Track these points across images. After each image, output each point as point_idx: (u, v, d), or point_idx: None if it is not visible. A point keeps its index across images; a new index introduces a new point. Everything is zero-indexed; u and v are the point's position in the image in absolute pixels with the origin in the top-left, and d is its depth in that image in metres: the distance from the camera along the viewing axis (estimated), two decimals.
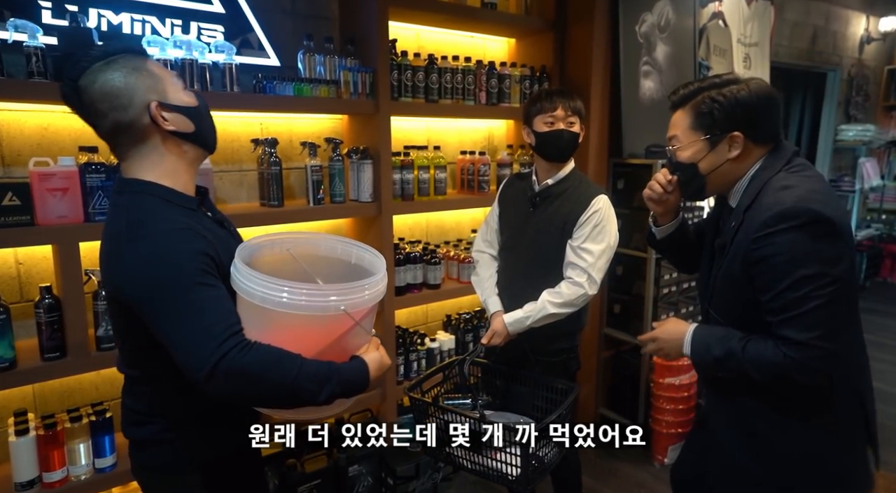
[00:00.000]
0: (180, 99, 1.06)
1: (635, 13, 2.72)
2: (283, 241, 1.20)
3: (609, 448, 2.71)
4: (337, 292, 1.04)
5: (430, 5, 2.30)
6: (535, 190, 1.85)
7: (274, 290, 1.00)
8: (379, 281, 1.11)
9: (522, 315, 1.76)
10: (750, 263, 1.13)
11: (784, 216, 1.08)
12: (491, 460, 1.53)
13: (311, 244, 1.23)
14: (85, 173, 1.67)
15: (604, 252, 1.74)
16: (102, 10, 1.78)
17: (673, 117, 1.28)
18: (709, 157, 1.22)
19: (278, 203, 2.07)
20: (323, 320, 1.04)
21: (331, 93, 2.11)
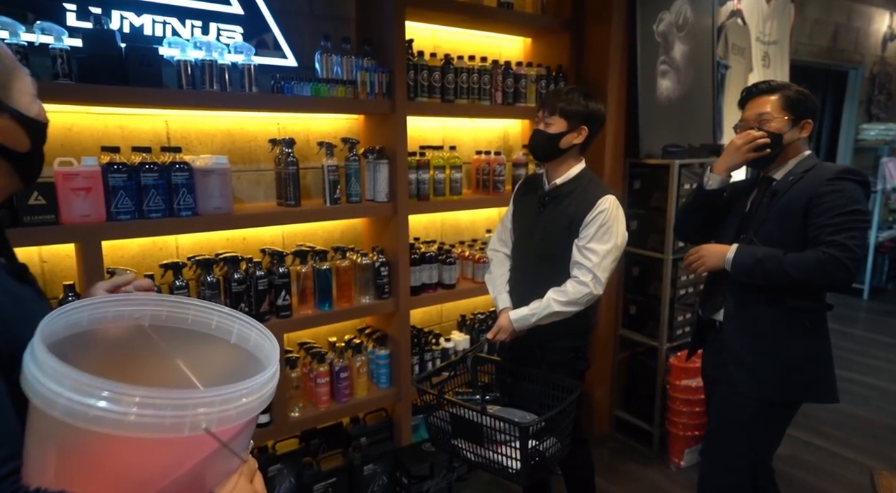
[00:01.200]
0: (25, 105, 0.76)
1: (653, 12, 2.70)
2: (130, 304, 0.79)
3: (624, 450, 2.71)
4: (202, 402, 0.65)
5: (447, 5, 2.30)
6: (544, 190, 1.88)
7: (88, 394, 0.59)
8: (265, 383, 0.72)
9: (528, 312, 1.77)
10: (819, 195, 1.50)
11: (851, 172, 1.54)
12: (493, 453, 1.57)
13: (177, 313, 0.82)
14: (107, 173, 1.70)
15: (609, 252, 1.74)
16: (125, 12, 1.81)
17: (757, 100, 1.64)
18: (790, 132, 1.61)
19: (295, 203, 2.09)
20: (171, 444, 0.66)
21: (348, 93, 2.12)
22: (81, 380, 0.59)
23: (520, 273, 1.92)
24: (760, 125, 1.61)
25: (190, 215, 1.84)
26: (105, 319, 0.75)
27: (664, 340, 2.71)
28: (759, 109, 1.62)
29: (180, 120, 2.00)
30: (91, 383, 0.59)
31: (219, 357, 0.82)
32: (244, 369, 0.77)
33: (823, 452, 2.77)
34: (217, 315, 0.81)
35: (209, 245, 2.09)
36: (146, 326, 0.78)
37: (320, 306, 2.16)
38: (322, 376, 2.20)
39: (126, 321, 0.77)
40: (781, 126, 1.59)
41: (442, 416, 1.70)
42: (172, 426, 0.62)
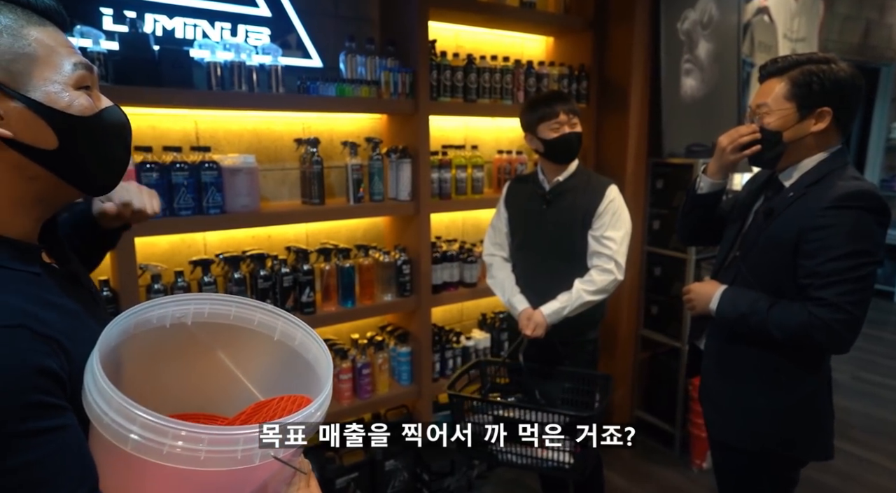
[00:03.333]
0: (50, 95, 0.66)
1: (677, 10, 2.68)
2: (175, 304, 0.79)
3: (646, 451, 2.70)
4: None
5: (470, 6, 2.32)
6: (545, 188, 1.91)
7: (161, 434, 0.62)
8: (322, 404, 0.73)
9: (559, 306, 1.81)
10: (810, 229, 1.22)
11: (859, 196, 1.20)
12: (544, 451, 1.57)
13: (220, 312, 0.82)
14: (140, 172, 1.75)
15: (624, 238, 1.83)
16: (157, 15, 1.87)
17: (763, 86, 1.33)
18: (795, 127, 1.28)
19: (319, 201, 2.12)
20: (228, 475, 0.68)
21: (371, 93, 2.15)
22: (152, 420, 0.61)
23: (533, 272, 1.94)
24: (760, 118, 1.32)
25: (218, 213, 1.89)
26: (150, 322, 0.76)
27: (685, 339, 2.69)
28: (760, 98, 1.33)
29: (209, 120, 2.05)
30: (163, 423, 0.61)
31: (261, 353, 0.84)
32: (289, 365, 0.82)
33: (851, 456, 2.72)
34: (260, 313, 0.82)
35: (235, 242, 2.14)
36: (189, 324, 0.79)
37: (343, 304, 2.20)
38: (345, 372, 2.24)
39: (170, 320, 0.78)
40: (781, 121, 1.28)
41: (480, 420, 1.67)
42: (244, 458, 0.65)
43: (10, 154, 0.65)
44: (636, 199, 2.74)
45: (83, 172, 0.71)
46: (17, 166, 0.66)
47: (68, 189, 0.71)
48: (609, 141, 2.75)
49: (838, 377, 3.67)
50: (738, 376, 1.40)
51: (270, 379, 0.86)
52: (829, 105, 1.25)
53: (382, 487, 2.30)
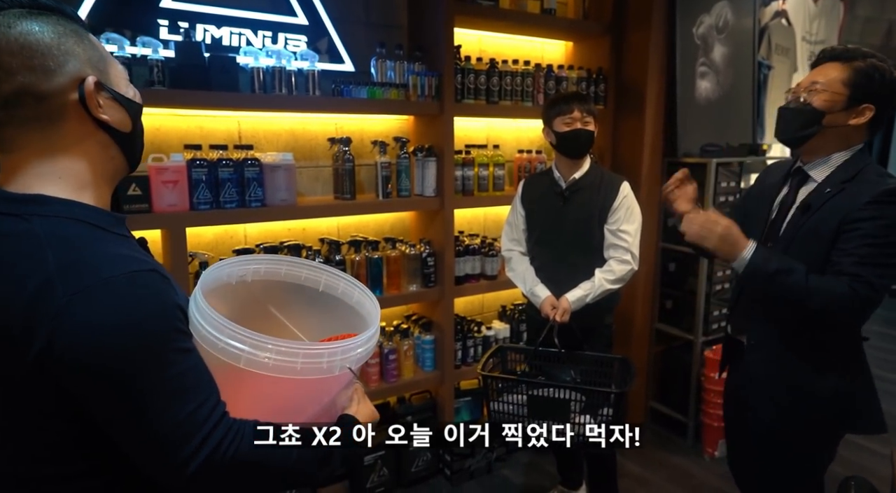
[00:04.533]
0: (123, 89, 0.81)
1: (693, 15, 2.78)
2: (240, 264, 1.01)
3: (660, 440, 2.80)
4: (339, 350, 0.88)
5: (494, 13, 2.46)
6: (562, 186, 2.04)
7: (258, 347, 0.81)
8: (376, 332, 0.98)
9: (583, 293, 1.96)
10: (851, 220, 1.25)
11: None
12: (575, 426, 1.68)
13: (272, 270, 1.03)
14: (191, 168, 1.92)
15: (637, 231, 1.99)
16: (207, 25, 2.04)
17: (821, 68, 1.34)
18: (838, 113, 1.29)
19: (351, 196, 2.28)
20: (314, 382, 0.88)
21: (400, 95, 2.29)
22: (258, 340, 0.81)
23: (552, 263, 2.06)
24: (807, 95, 1.32)
25: (259, 206, 2.05)
26: (221, 278, 0.98)
27: (700, 334, 2.78)
28: (815, 77, 1.33)
29: (250, 120, 2.22)
30: (266, 341, 0.81)
31: (309, 304, 1.04)
32: (338, 313, 1.04)
33: (864, 450, 2.78)
34: (306, 269, 1.05)
35: (273, 234, 2.30)
36: (249, 281, 1.01)
37: (372, 292, 2.34)
38: (373, 357, 2.38)
39: (237, 278, 0.99)
40: (828, 103, 1.29)
41: (513, 400, 1.77)
42: (328, 368, 0.87)
43: (103, 136, 0.79)
44: (651, 197, 2.84)
45: (138, 150, 0.87)
46: (106, 147, 0.80)
47: (125, 167, 0.85)
48: (626, 141, 2.86)
49: None
50: (789, 366, 1.41)
51: (320, 326, 1.06)
52: (875, 103, 1.28)
53: (407, 465, 2.45)
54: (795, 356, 1.40)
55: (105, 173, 0.81)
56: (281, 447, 0.79)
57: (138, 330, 0.70)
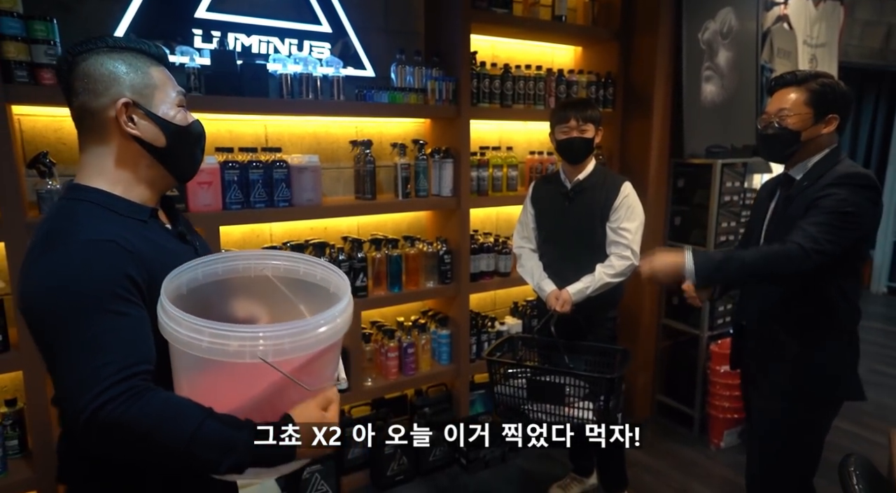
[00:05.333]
0: (165, 112, 0.97)
1: (698, 21, 2.88)
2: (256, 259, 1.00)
3: (667, 431, 2.90)
4: (263, 335, 0.82)
5: (508, 20, 2.56)
6: (567, 187, 2.14)
7: (175, 324, 0.82)
8: (319, 324, 0.87)
9: (583, 286, 2.05)
10: (814, 199, 1.45)
11: (853, 177, 1.44)
12: (570, 409, 1.81)
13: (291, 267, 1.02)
14: (224, 169, 2.03)
15: (638, 228, 2.06)
16: (238, 34, 2.14)
17: (780, 94, 1.56)
18: (811, 128, 1.52)
19: (371, 196, 2.38)
20: (235, 368, 0.84)
21: (419, 100, 2.39)
22: (177, 315, 0.82)
23: (559, 260, 2.17)
24: (780, 121, 1.53)
25: (286, 206, 2.15)
26: (237, 270, 0.99)
27: (705, 328, 2.88)
28: (780, 104, 1.54)
29: (276, 124, 2.32)
30: (178, 314, 0.82)
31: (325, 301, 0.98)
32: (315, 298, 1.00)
33: (861, 439, 2.88)
34: (321, 269, 1.01)
35: (297, 233, 2.40)
36: (270, 276, 1.01)
37: (391, 289, 2.45)
38: (392, 350, 2.49)
39: (253, 271, 1.00)
40: (800, 123, 1.51)
41: (515, 383, 1.91)
42: (236, 353, 0.81)
43: (136, 147, 0.96)
44: (658, 196, 2.95)
45: (177, 163, 1.02)
46: (140, 156, 0.97)
47: (168, 176, 1.02)
48: (634, 143, 2.96)
49: None
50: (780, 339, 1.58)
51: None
52: (836, 112, 1.52)
53: (425, 455, 2.55)
54: (785, 334, 1.57)
55: (142, 177, 0.98)
56: (177, 420, 0.80)
57: (66, 291, 0.83)
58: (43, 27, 1.67)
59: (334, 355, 0.96)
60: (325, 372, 0.95)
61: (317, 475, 2.28)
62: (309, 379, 0.89)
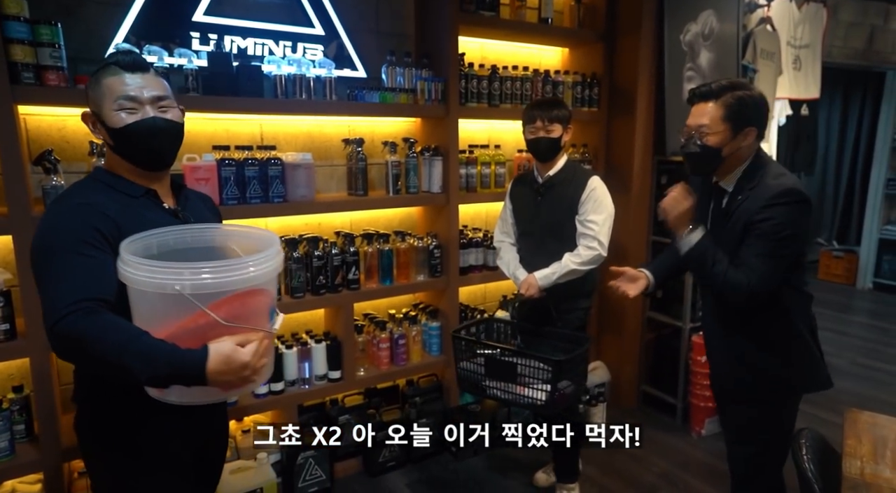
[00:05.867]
0: (108, 117, 1.18)
1: (680, 23, 2.97)
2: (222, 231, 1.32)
3: (651, 420, 2.99)
4: (173, 270, 1.02)
5: (495, 23, 2.65)
6: (539, 183, 2.21)
7: (122, 263, 1.07)
8: (241, 264, 1.08)
9: (550, 272, 2.13)
10: (753, 222, 1.49)
11: (787, 194, 1.47)
12: (523, 388, 1.90)
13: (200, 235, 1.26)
14: (221, 166, 2.11)
15: (605, 221, 2.12)
16: (234, 36, 2.23)
17: (699, 108, 1.56)
18: (730, 143, 1.54)
19: (363, 193, 2.47)
20: (167, 299, 1.02)
21: (409, 99, 2.49)
22: (126, 257, 1.07)
23: (532, 252, 2.25)
24: (700, 138, 1.55)
25: (281, 202, 2.24)
26: (185, 241, 1.23)
27: (687, 320, 2.98)
28: (699, 120, 1.55)
29: (272, 123, 2.41)
30: (130, 259, 1.06)
31: None
32: None
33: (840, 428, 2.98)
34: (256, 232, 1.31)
35: (291, 228, 2.49)
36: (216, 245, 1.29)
37: (383, 282, 2.54)
38: (383, 342, 2.58)
39: (202, 242, 1.26)
40: (720, 139, 1.53)
41: (477, 360, 2.01)
42: (159, 285, 1.02)
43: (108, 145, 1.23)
44: (643, 192, 3.04)
45: (133, 156, 1.23)
46: (111, 151, 1.24)
47: (133, 166, 1.24)
48: (618, 141, 3.06)
49: (837, 362, 3.93)
50: (732, 336, 1.64)
51: None
52: (753, 124, 1.53)
53: None
54: (742, 338, 1.62)
55: (121, 165, 1.24)
56: (115, 334, 1.02)
57: (45, 236, 1.11)
58: (48, 31, 1.76)
59: (262, 301, 1.12)
60: (253, 316, 1.10)
61: (310, 461, 2.37)
62: (236, 319, 1.05)
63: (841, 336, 4.51)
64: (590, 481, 2.55)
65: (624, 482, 2.56)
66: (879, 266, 5.74)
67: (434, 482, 2.55)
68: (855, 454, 1.33)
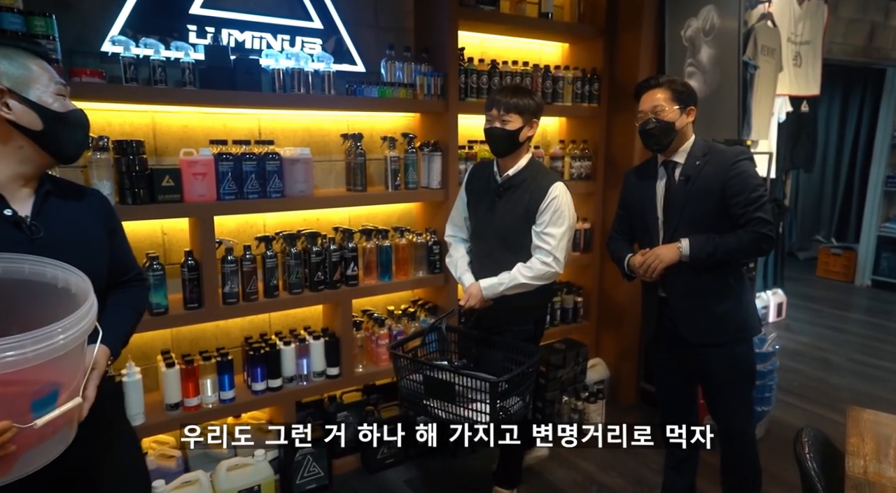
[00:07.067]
0: (42, 99, 1.06)
1: (681, 19, 2.95)
2: None
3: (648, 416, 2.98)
4: None
5: (495, 17, 2.63)
6: (498, 181, 2.02)
7: None
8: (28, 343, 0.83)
9: (496, 281, 1.96)
10: (728, 178, 1.80)
11: (744, 153, 1.87)
12: (463, 409, 1.77)
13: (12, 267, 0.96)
14: (218, 161, 2.09)
15: (564, 234, 1.95)
16: (231, 30, 2.21)
17: (648, 95, 1.88)
18: (680, 119, 1.86)
19: (362, 188, 2.45)
20: None
21: (408, 94, 2.47)
22: None
23: (483, 258, 2.06)
24: (656, 115, 1.83)
25: (279, 197, 2.22)
26: None
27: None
28: (652, 103, 1.85)
29: (270, 118, 2.39)
30: None
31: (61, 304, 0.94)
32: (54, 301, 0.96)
33: (839, 425, 2.97)
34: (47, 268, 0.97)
35: (290, 223, 2.47)
36: None
37: (381, 278, 2.52)
38: (382, 338, 2.56)
39: None
40: (672, 115, 1.83)
41: (415, 378, 1.86)
42: None
43: (9, 130, 1.05)
44: None
45: (56, 145, 1.10)
46: (14, 138, 1.06)
47: (45, 156, 1.10)
48: (618, 137, 3.04)
49: (835, 359, 3.94)
50: (699, 294, 1.89)
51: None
52: (693, 105, 1.88)
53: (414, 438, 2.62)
54: (702, 286, 1.89)
55: (10, 160, 1.06)
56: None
57: None
58: (42, 23, 1.74)
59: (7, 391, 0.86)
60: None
61: (308, 458, 2.36)
62: None
63: (839, 333, 4.52)
64: (589, 478, 2.54)
65: (623, 480, 2.55)
66: (878, 264, 5.75)
67: (433, 480, 2.54)
68: (858, 453, 1.32)
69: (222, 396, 2.20)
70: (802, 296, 5.42)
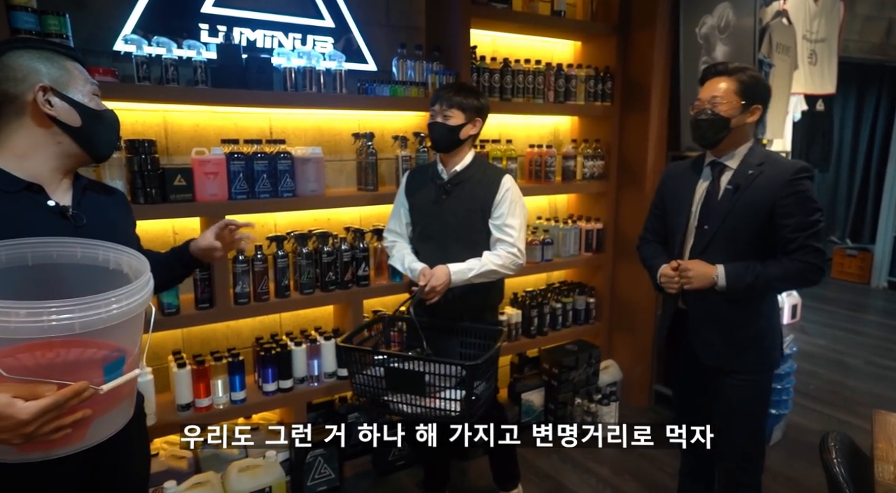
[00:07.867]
0: (80, 98, 1.11)
1: (696, 16, 2.91)
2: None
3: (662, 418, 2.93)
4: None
5: (507, 15, 2.61)
6: (444, 179, 1.97)
7: None
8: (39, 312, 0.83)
9: (466, 267, 1.89)
10: (783, 196, 1.59)
11: (807, 169, 1.62)
12: (432, 400, 1.67)
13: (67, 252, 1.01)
14: (230, 160, 2.08)
15: (522, 226, 1.97)
16: (243, 28, 2.20)
17: (712, 82, 1.67)
18: (739, 116, 1.64)
19: (374, 188, 2.43)
20: None
21: (420, 93, 2.45)
22: None
23: (437, 259, 1.93)
24: (713, 106, 1.63)
25: (290, 197, 2.21)
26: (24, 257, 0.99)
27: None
28: (712, 92, 1.64)
29: (281, 117, 2.38)
30: None
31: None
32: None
33: (859, 430, 2.92)
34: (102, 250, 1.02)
35: (300, 223, 2.46)
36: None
37: (393, 278, 2.50)
38: (395, 337, 2.54)
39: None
40: (731, 110, 1.62)
41: (373, 372, 1.73)
42: None
43: (49, 125, 1.09)
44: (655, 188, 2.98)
45: (92, 142, 1.14)
46: (54, 135, 1.10)
47: (82, 154, 1.14)
48: (631, 136, 3.00)
49: (851, 362, 3.87)
50: (723, 317, 1.71)
51: None
52: (760, 103, 1.65)
53: None
54: (731, 315, 1.71)
55: (44, 150, 1.10)
56: None
57: None
58: (56, 22, 1.73)
59: (84, 353, 0.90)
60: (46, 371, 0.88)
61: (319, 459, 2.35)
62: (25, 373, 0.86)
63: (856, 336, 4.45)
64: (603, 481, 2.51)
65: (637, 483, 2.52)
66: (894, 265, 5.66)
67: None
68: (887, 459, 1.28)
69: (233, 397, 2.19)
70: (817, 297, 5.34)
